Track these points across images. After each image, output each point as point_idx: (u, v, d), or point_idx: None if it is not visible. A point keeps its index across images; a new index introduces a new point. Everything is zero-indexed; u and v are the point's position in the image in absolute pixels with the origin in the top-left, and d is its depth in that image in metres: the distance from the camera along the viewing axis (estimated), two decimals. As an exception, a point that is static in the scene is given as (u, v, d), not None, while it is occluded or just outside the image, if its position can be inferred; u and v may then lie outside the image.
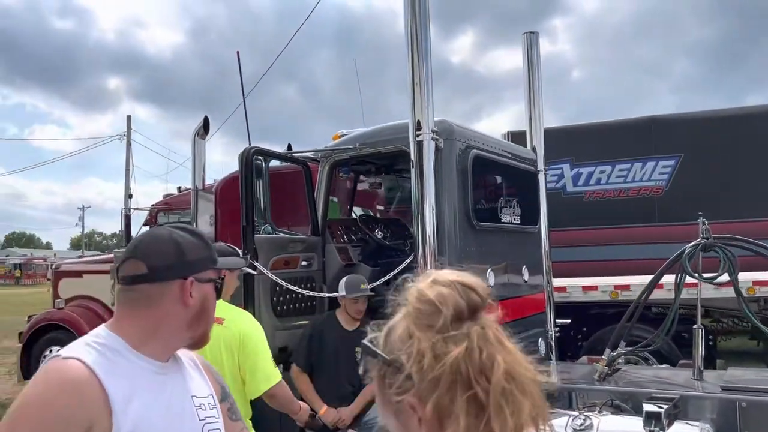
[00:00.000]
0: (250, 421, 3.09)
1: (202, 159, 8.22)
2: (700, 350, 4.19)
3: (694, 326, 4.24)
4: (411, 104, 3.98)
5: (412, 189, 4.11)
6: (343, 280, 4.12)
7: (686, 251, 4.25)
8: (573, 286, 7.76)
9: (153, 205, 9.82)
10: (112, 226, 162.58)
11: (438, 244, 3.99)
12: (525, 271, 5.23)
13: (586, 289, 7.77)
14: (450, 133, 4.26)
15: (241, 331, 3.01)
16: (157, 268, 1.51)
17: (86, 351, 1.43)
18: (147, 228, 9.68)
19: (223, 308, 2.99)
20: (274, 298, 4.40)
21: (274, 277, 4.23)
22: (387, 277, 4.38)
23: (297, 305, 4.56)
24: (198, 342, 1.62)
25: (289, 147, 9.98)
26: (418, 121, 3.99)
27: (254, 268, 4.20)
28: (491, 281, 4.35)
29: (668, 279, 6.38)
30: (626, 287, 7.84)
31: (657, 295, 6.49)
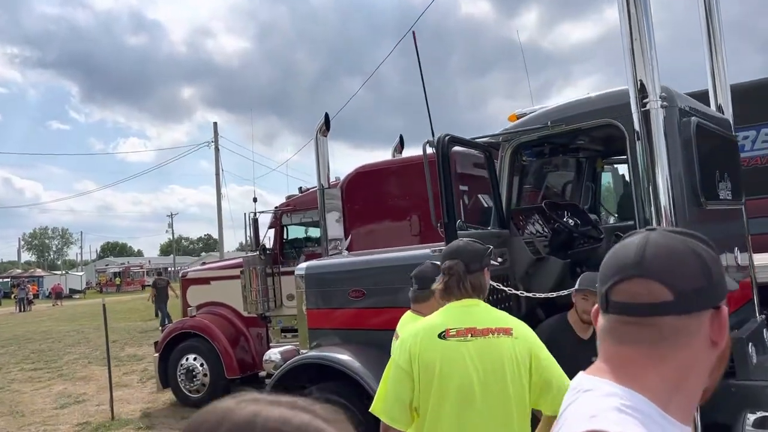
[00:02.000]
0: None
1: (326, 156, 7.97)
2: None
3: None
4: (630, 66, 3.45)
5: (634, 167, 3.59)
6: (583, 275, 3.62)
7: None
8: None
9: (276, 207, 9.64)
10: (197, 230, 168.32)
11: (660, 224, 3.46)
12: (737, 252, 4.60)
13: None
14: (672, 99, 3.69)
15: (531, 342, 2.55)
16: (686, 293, 1.05)
17: (623, 421, 0.99)
18: (272, 230, 9.55)
19: (485, 316, 2.55)
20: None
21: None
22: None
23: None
24: (702, 398, 1.14)
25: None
26: (642, 85, 3.45)
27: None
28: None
29: None
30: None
31: None
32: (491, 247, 2.70)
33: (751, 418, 3.52)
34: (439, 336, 2.50)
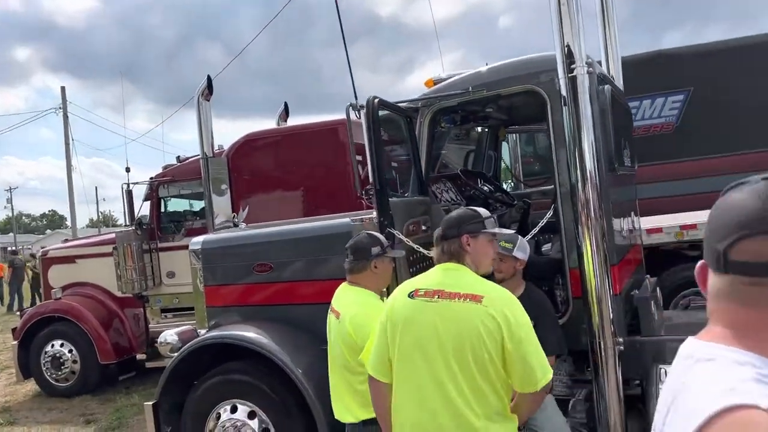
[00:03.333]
0: None
1: (209, 122, 7.47)
2: None
3: None
4: (558, 31, 3.45)
5: (558, 133, 3.64)
6: (520, 240, 3.62)
7: None
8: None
9: (152, 178, 8.96)
10: (39, 206, 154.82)
11: (587, 193, 3.54)
12: (633, 216, 4.87)
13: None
14: (593, 66, 3.76)
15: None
16: None
17: (761, 391, 0.88)
18: (147, 203, 8.86)
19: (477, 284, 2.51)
20: (411, 269, 3.88)
21: (421, 249, 3.69)
22: (533, 234, 3.90)
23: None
24: None
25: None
26: (570, 50, 3.47)
27: (393, 237, 3.65)
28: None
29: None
30: (658, 230, 7.63)
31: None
32: (480, 214, 2.63)
33: (664, 369, 3.72)
34: (409, 295, 2.53)
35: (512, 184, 7.62)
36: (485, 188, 4.73)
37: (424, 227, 4.20)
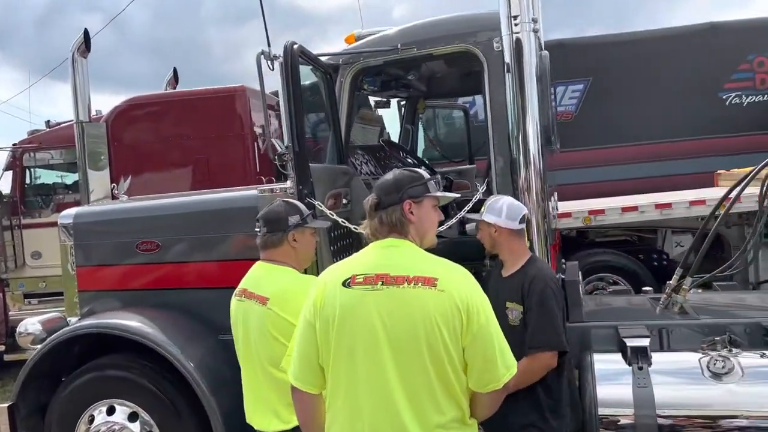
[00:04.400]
0: None
1: (86, 83, 6.56)
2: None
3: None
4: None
5: (495, 102, 3.28)
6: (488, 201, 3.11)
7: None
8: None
9: (15, 144, 7.84)
10: None
11: (529, 170, 3.22)
12: (555, 198, 4.65)
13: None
14: (535, 22, 3.39)
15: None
16: None
17: None
18: (10, 173, 7.74)
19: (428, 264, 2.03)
20: (332, 247, 3.36)
21: (347, 224, 3.17)
22: (461, 215, 3.50)
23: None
24: None
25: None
26: (511, 6, 3.11)
27: (313, 207, 3.13)
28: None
29: (712, 194, 6.15)
30: (567, 215, 7.63)
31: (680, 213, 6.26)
32: (422, 175, 2.16)
33: (594, 356, 3.49)
34: (344, 284, 2.01)
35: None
36: (409, 161, 4.31)
37: (345, 200, 3.71)
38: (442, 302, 1.93)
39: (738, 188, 3.91)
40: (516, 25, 3.10)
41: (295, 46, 3.22)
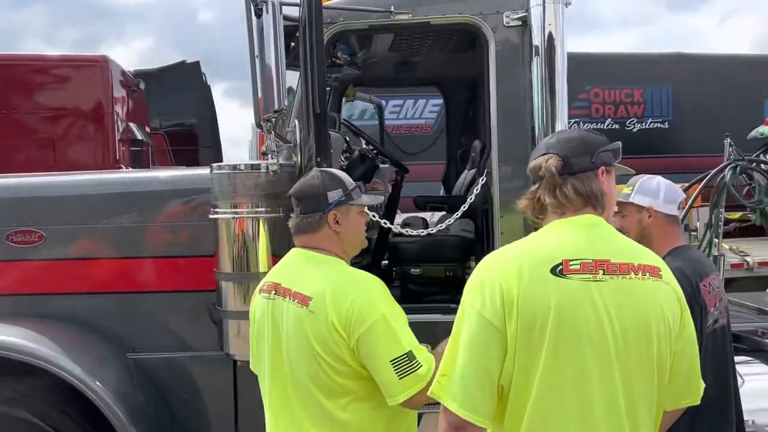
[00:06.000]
0: None
1: None
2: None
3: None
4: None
5: (506, 89, 2.91)
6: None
7: (727, 174, 3.90)
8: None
9: None
10: None
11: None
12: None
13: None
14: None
15: None
16: None
17: None
18: None
19: None
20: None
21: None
22: (468, 202, 3.01)
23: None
24: None
25: None
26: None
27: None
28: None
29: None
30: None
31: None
32: (602, 137, 1.66)
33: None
34: (554, 271, 1.47)
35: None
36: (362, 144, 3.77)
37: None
38: (670, 298, 1.55)
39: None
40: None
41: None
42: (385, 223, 2.98)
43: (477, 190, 3.11)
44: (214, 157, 9.70)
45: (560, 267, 1.47)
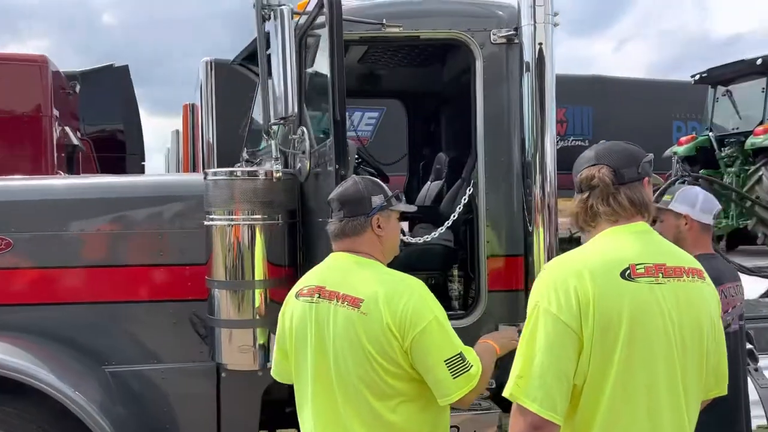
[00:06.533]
0: None
1: None
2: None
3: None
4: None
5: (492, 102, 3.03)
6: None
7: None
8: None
9: None
10: None
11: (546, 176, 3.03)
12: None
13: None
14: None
15: None
16: None
17: None
18: None
19: None
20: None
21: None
22: (457, 212, 3.08)
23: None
24: None
25: None
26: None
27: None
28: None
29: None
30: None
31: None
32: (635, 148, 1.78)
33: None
34: (623, 275, 1.58)
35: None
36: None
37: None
38: (713, 298, 1.70)
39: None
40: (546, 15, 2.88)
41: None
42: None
43: (465, 200, 3.20)
44: (140, 165, 9.39)
45: (628, 271, 1.58)
